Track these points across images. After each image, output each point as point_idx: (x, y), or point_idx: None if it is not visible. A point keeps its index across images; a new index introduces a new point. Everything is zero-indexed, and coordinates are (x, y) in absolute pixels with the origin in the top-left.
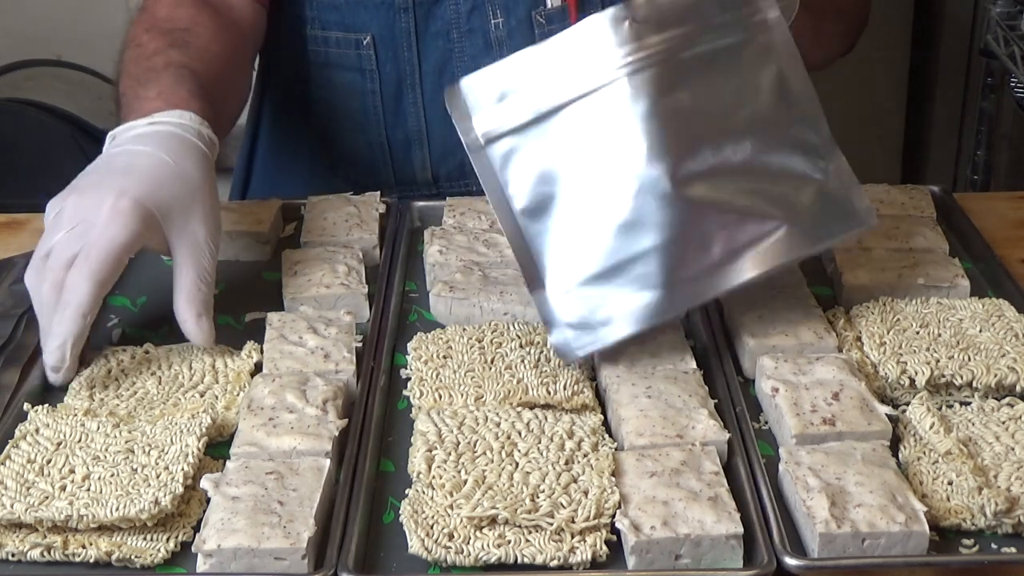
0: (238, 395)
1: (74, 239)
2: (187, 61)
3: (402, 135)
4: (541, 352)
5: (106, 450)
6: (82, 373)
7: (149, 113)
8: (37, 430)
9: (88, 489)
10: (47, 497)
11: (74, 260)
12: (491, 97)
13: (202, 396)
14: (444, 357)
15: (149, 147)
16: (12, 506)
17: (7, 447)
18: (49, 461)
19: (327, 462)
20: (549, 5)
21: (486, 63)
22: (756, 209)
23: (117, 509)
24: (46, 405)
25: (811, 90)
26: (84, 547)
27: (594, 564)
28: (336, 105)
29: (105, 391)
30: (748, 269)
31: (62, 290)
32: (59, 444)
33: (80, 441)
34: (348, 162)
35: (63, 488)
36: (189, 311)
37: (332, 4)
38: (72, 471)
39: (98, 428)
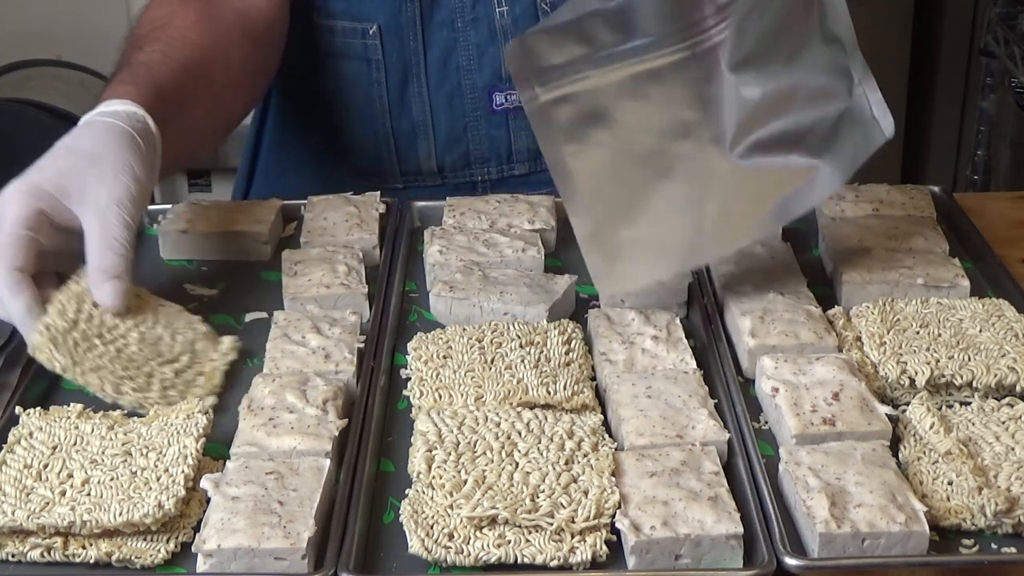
0: (202, 401)
1: None
2: (143, 56)
3: (407, 125)
4: (541, 352)
5: (103, 453)
6: (65, 287)
7: None
8: (31, 434)
9: (88, 494)
10: (47, 503)
11: None
12: (554, 55)
13: (176, 376)
14: (444, 357)
15: (62, 140)
16: (13, 513)
17: (2, 452)
18: (46, 466)
19: (327, 462)
20: None
21: (491, 52)
22: (799, 158)
23: (121, 514)
24: (38, 408)
25: (845, 9)
26: (84, 547)
27: (594, 564)
28: (341, 95)
29: (90, 322)
30: (784, 216)
31: None
32: (55, 448)
33: (76, 444)
34: (353, 152)
35: (63, 493)
36: (96, 275)
37: None
38: (70, 475)
39: (93, 430)
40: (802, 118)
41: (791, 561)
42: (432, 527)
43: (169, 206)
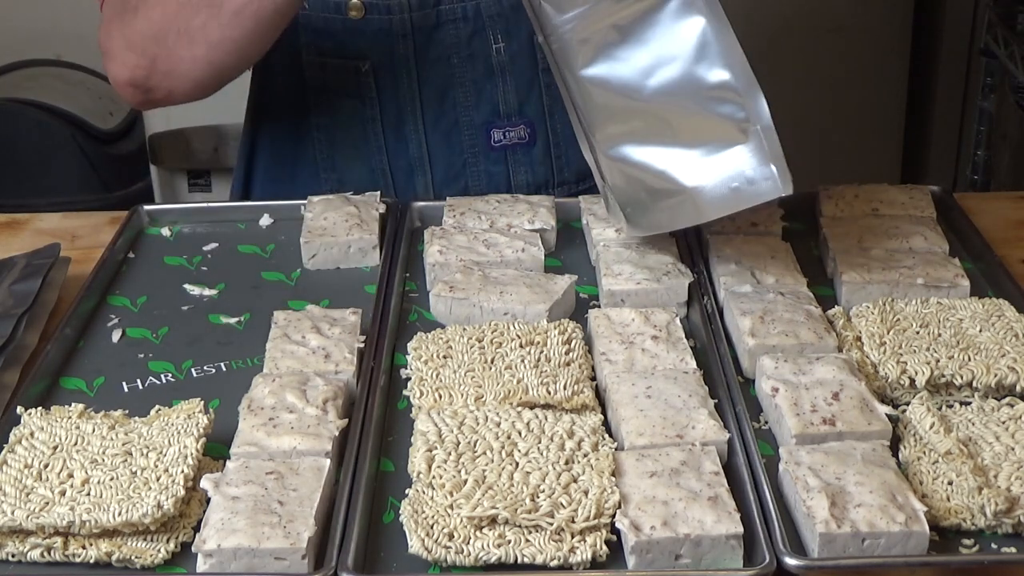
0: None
1: None
2: None
3: (404, 162)
4: (541, 352)
5: (103, 453)
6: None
7: None
8: (32, 434)
9: (88, 494)
10: (47, 503)
11: None
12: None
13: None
14: (444, 357)
15: None
16: (13, 513)
17: (3, 452)
18: (47, 466)
19: (327, 462)
20: None
21: (488, 89)
22: (663, 178)
23: (120, 514)
24: (39, 408)
25: (737, 51)
26: (84, 548)
27: (594, 564)
28: (336, 131)
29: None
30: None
31: None
32: (55, 448)
33: (76, 444)
34: (349, 187)
35: (63, 493)
36: None
37: (328, 31)
38: (71, 475)
39: (94, 430)
40: (674, 142)
41: (791, 561)
42: (432, 527)
43: (169, 206)
